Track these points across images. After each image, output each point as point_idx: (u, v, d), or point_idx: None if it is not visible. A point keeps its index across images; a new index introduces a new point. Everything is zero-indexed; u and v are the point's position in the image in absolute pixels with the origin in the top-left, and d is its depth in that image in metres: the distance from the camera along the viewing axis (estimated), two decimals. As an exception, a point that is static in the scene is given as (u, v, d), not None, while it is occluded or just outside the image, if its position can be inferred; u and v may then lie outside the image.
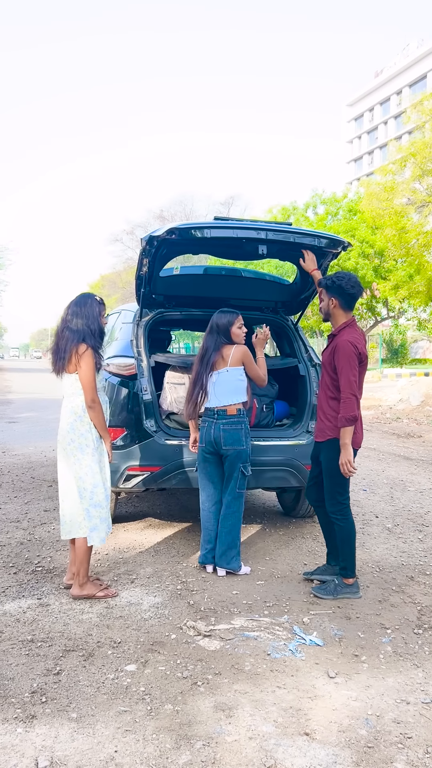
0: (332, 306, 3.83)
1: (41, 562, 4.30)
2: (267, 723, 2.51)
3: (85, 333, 3.64)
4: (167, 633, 3.27)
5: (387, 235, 19.23)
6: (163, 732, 2.43)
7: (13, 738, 2.38)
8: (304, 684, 2.82)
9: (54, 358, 3.72)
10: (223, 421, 4.06)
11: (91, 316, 3.68)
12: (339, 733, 2.45)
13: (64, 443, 3.68)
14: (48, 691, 2.71)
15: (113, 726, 2.46)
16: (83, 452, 3.66)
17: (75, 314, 3.68)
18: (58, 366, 3.70)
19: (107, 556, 4.44)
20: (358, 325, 3.85)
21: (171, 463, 4.49)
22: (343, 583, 3.81)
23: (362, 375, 3.78)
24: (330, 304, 3.84)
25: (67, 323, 3.69)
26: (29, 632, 3.25)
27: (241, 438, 4.06)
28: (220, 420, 4.06)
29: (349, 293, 3.78)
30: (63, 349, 3.66)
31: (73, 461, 3.67)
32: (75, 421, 3.67)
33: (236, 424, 4.07)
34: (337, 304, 3.82)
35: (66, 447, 3.68)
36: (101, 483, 3.72)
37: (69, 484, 3.69)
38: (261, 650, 3.11)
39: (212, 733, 2.42)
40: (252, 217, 34.96)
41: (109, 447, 3.78)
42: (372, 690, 2.78)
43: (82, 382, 3.63)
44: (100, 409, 3.68)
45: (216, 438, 4.05)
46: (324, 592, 3.79)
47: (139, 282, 4.63)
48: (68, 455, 3.68)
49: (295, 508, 5.40)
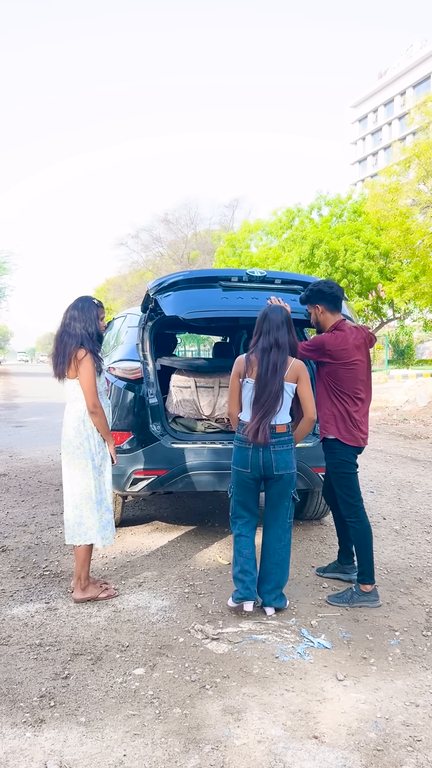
0: (319, 313, 3.84)
1: (49, 566, 4.31)
2: (276, 726, 2.50)
3: (84, 337, 3.63)
4: (175, 636, 3.27)
5: (392, 237, 19.22)
6: (172, 736, 2.43)
7: (23, 742, 2.38)
8: (313, 687, 2.81)
9: (54, 363, 3.71)
10: (274, 440, 3.53)
11: (89, 319, 3.67)
12: (348, 736, 2.45)
13: (70, 448, 3.68)
14: (56, 695, 2.71)
15: (122, 730, 2.46)
16: (87, 457, 3.67)
17: (73, 318, 3.67)
18: (59, 370, 3.69)
19: (114, 559, 4.44)
20: (347, 324, 3.82)
21: (177, 467, 4.49)
22: (360, 590, 3.72)
23: (354, 371, 3.74)
24: (317, 312, 3.85)
25: (65, 327, 3.69)
26: (37, 636, 3.26)
27: (292, 460, 3.59)
28: (272, 439, 3.53)
29: (331, 294, 3.79)
30: (62, 354, 3.65)
31: (79, 466, 3.68)
32: (79, 425, 3.67)
33: (287, 444, 3.56)
34: (323, 309, 3.82)
35: (73, 452, 3.68)
36: (105, 487, 3.73)
37: (74, 488, 3.69)
38: (269, 653, 3.11)
39: (221, 737, 2.42)
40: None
41: (113, 451, 3.77)
42: (381, 692, 2.77)
43: (83, 388, 3.61)
44: (102, 414, 3.66)
45: (266, 461, 3.52)
46: (339, 600, 3.71)
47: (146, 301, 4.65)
48: (74, 459, 3.68)
49: (302, 511, 5.39)
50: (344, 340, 3.72)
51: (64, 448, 3.70)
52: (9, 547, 4.71)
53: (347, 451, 3.79)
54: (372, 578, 3.73)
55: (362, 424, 3.80)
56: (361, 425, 3.79)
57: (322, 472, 4.77)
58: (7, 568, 4.27)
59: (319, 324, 3.87)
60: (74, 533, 3.67)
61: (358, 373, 3.76)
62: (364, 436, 3.82)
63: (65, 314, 3.72)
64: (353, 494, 3.80)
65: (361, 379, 3.78)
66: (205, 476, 4.56)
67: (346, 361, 3.72)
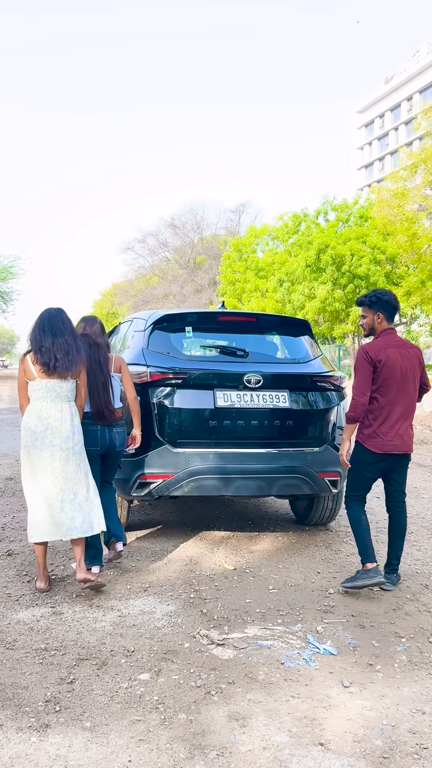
0: (377, 321, 4.08)
1: (54, 570, 4.31)
2: (281, 733, 2.49)
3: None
4: (180, 642, 3.26)
5: (398, 242, 19.21)
6: (177, 741, 2.42)
7: (28, 747, 2.38)
8: (319, 693, 2.80)
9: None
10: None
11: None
12: (354, 744, 2.43)
13: (75, 446, 3.93)
14: (62, 699, 2.71)
15: (127, 735, 2.46)
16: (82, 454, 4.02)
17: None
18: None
19: (120, 564, 4.44)
20: (395, 333, 4.08)
21: (183, 471, 4.49)
22: (362, 570, 3.97)
23: (389, 380, 3.92)
24: (375, 319, 4.08)
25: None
26: (43, 641, 3.26)
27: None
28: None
29: (394, 306, 4.09)
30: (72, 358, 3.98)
31: (82, 463, 3.97)
32: (78, 423, 3.99)
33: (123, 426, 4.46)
34: (383, 318, 4.07)
35: (78, 450, 3.94)
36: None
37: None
38: (275, 659, 3.10)
39: (226, 743, 2.41)
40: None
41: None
42: (387, 700, 2.76)
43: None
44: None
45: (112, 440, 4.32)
46: (348, 582, 3.98)
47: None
48: (79, 456, 3.95)
49: (308, 516, 5.38)
50: (387, 344, 3.98)
51: (67, 446, 3.93)
52: (15, 551, 4.72)
53: (362, 450, 4.04)
54: (365, 558, 3.98)
55: (391, 430, 3.95)
56: (386, 431, 3.95)
57: (328, 477, 4.77)
58: (12, 572, 4.27)
59: (372, 329, 4.11)
60: (88, 527, 3.96)
61: (388, 381, 3.92)
62: (389, 440, 3.95)
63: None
64: (354, 488, 4.17)
65: (391, 388, 3.93)
66: (210, 481, 4.56)
67: (381, 369, 3.92)
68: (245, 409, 4.61)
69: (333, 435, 4.89)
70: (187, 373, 4.60)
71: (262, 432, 4.67)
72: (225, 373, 4.66)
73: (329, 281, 26.13)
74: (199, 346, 5.37)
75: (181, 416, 4.58)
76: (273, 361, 5.22)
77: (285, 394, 4.72)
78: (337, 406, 4.94)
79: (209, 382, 4.62)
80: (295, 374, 4.88)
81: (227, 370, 4.69)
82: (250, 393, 4.64)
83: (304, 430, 4.80)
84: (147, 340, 4.90)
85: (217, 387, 4.61)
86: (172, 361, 4.71)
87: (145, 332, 4.99)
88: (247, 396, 4.63)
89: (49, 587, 3.96)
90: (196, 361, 4.86)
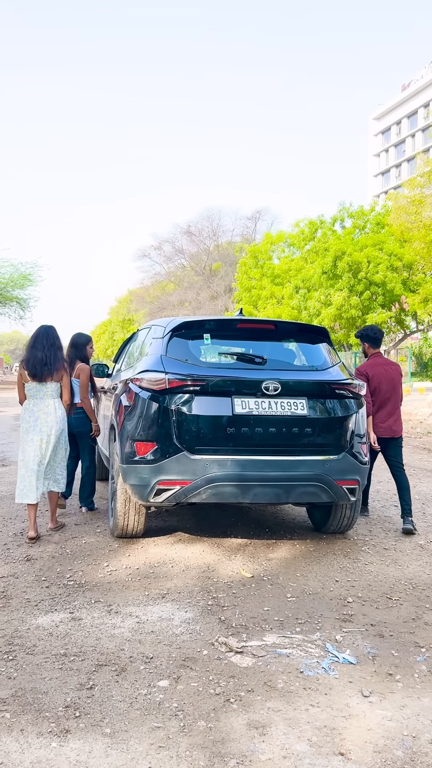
0: (367, 348, 6.09)
1: (73, 576, 4.33)
2: (301, 742, 2.48)
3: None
4: (199, 649, 3.26)
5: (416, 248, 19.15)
6: (197, 749, 2.42)
7: (48, 752, 2.39)
8: (338, 703, 2.79)
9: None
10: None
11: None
12: (374, 754, 2.42)
13: (55, 432, 5.35)
14: (81, 705, 2.72)
15: (147, 742, 2.46)
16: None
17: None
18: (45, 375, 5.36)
19: (138, 570, 4.45)
20: (381, 355, 6.03)
21: (201, 478, 4.50)
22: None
23: (377, 389, 5.76)
24: (365, 347, 6.11)
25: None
26: (62, 646, 3.27)
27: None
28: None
29: (374, 337, 6.04)
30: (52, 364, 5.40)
31: (59, 446, 5.47)
32: (62, 414, 5.43)
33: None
34: (369, 346, 6.07)
35: (54, 434, 5.34)
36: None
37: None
38: (294, 668, 3.09)
39: (246, 752, 2.41)
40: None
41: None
42: (407, 710, 2.74)
43: (69, 387, 5.55)
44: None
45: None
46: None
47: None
48: (56, 440, 5.36)
49: (326, 524, 5.36)
50: (377, 366, 5.87)
51: (55, 432, 5.39)
52: (33, 556, 4.75)
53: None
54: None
55: (380, 422, 5.80)
56: (379, 423, 5.79)
57: (346, 485, 4.76)
58: (31, 577, 4.30)
59: (365, 353, 6.11)
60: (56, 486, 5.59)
61: (377, 389, 5.79)
62: (382, 430, 5.78)
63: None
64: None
65: (380, 395, 5.80)
66: (228, 487, 4.56)
67: (372, 382, 5.76)
68: (263, 417, 4.61)
69: (351, 443, 4.87)
70: (206, 380, 4.61)
71: (280, 439, 4.66)
72: (243, 381, 4.67)
73: (345, 288, 26.08)
74: (217, 353, 5.37)
75: (199, 423, 4.59)
76: (291, 369, 5.22)
77: (303, 401, 4.71)
78: (355, 413, 4.93)
79: (227, 389, 4.62)
80: (314, 382, 4.87)
81: (245, 378, 4.69)
82: (268, 400, 4.64)
83: (322, 438, 4.78)
84: (165, 347, 4.92)
85: (235, 394, 4.62)
86: (190, 368, 4.73)
87: (163, 339, 5.01)
88: (265, 403, 4.63)
89: (38, 537, 5.17)
90: (215, 368, 4.88)
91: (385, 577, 4.43)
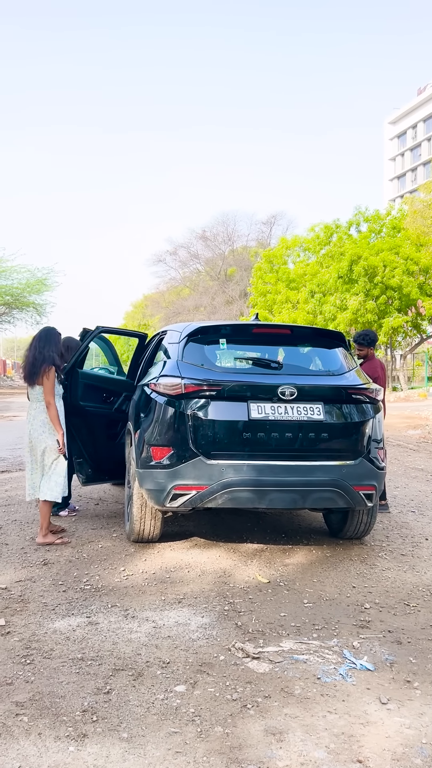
0: (368, 351, 6.69)
1: (90, 580, 4.34)
2: (319, 749, 2.47)
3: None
4: (215, 654, 3.26)
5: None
6: (214, 755, 2.41)
7: (66, 756, 2.40)
8: (356, 710, 2.77)
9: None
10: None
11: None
12: (393, 762, 2.40)
13: (39, 435, 5.24)
14: (99, 710, 2.72)
15: (164, 747, 2.46)
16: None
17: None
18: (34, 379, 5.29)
19: (154, 575, 4.46)
20: (375, 356, 6.76)
21: (217, 483, 4.50)
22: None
23: (376, 382, 5.81)
24: (369, 351, 6.71)
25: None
26: (79, 650, 3.28)
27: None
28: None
29: (374, 340, 6.69)
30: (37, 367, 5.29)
31: (47, 449, 5.24)
32: (45, 418, 5.25)
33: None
34: (368, 349, 6.68)
35: (38, 438, 5.24)
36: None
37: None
38: (311, 674, 3.08)
39: (263, 758, 2.40)
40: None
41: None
42: (426, 717, 2.72)
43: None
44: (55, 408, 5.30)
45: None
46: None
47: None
48: (42, 443, 5.23)
49: (342, 530, 5.33)
50: (373, 363, 6.59)
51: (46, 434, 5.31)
52: (50, 560, 4.77)
53: None
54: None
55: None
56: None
57: (363, 490, 4.73)
58: (48, 581, 4.32)
59: (366, 356, 6.64)
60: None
61: (376, 383, 5.70)
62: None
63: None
64: None
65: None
66: (244, 493, 4.55)
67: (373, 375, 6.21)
68: (279, 422, 4.60)
69: (368, 448, 4.84)
70: (222, 385, 4.61)
71: (296, 444, 4.65)
72: (259, 385, 4.67)
73: (361, 292, 25.98)
74: (233, 358, 5.37)
75: (215, 428, 4.60)
76: (307, 373, 5.20)
77: (319, 406, 4.70)
78: (372, 418, 4.90)
79: (243, 394, 4.62)
80: (330, 386, 4.86)
81: (261, 382, 4.69)
82: (285, 405, 4.63)
83: (338, 443, 4.76)
84: (181, 352, 4.93)
85: (251, 399, 4.61)
86: (206, 373, 4.73)
87: (179, 344, 5.02)
88: (281, 408, 4.62)
89: (51, 541, 5.20)
90: (230, 373, 4.88)
91: (402, 583, 4.40)
